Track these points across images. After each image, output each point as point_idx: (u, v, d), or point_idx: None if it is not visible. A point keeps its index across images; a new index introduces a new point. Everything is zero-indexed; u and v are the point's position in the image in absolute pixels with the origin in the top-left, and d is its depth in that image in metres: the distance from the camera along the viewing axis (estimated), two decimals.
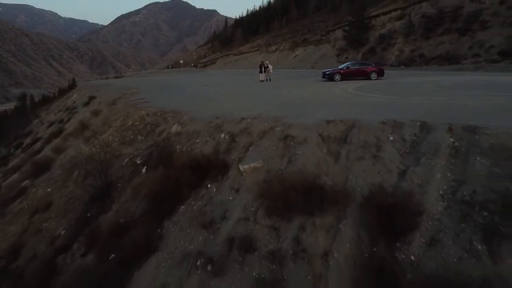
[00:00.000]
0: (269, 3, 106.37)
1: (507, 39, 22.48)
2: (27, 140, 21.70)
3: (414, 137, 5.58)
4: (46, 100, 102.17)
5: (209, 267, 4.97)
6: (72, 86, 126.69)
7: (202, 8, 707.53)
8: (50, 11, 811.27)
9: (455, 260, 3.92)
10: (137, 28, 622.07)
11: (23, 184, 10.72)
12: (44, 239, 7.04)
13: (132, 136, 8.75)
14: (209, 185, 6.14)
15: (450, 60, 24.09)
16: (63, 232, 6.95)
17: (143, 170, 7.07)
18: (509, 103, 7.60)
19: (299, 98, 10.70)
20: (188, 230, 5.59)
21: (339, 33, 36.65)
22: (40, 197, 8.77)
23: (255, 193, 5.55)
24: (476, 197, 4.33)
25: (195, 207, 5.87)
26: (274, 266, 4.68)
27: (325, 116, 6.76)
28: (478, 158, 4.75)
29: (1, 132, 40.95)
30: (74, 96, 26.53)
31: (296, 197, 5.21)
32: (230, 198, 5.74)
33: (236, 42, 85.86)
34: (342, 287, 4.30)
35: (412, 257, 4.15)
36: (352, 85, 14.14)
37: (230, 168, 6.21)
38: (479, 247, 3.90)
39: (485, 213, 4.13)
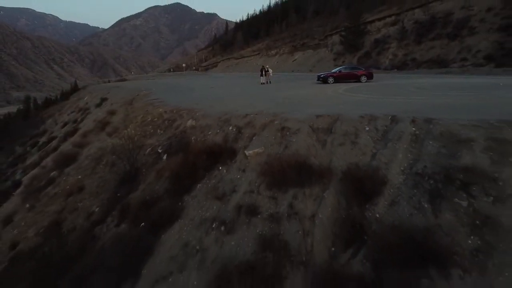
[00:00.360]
0: (269, 7, 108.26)
1: (493, 44, 23.96)
2: (43, 139, 23.18)
3: (385, 127, 6.99)
4: (49, 103, 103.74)
5: (222, 228, 6.37)
6: (75, 89, 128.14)
7: (203, 12, 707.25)
8: (51, 14, 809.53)
9: (408, 215, 5.31)
10: (138, 31, 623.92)
11: (51, 175, 12.10)
12: (81, 215, 8.41)
13: (152, 130, 10.17)
14: (220, 168, 7.55)
15: (440, 64, 25.55)
16: (97, 209, 8.34)
17: (164, 157, 8.46)
18: (471, 101, 9.01)
19: (295, 98, 12.12)
20: (204, 202, 6.99)
21: (336, 38, 38.24)
22: (72, 183, 10.15)
23: (258, 172, 6.95)
24: (426, 170, 5.72)
25: (209, 185, 7.28)
26: (273, 225, 6.06)
27: (315, 112, 8.19)
28: (430, 142, 6.16)
29: (14, 133, 42.45)
30: (85, 98, 27.98)
31: (290, 174, 6.61)
32: (238, 176, 7.15)
33: (237, 45, 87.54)
34: (325, 239, 5.68)
35: (377, 215, 5.55)
36: (343, 87, 15.61)
37: (237, 154, 7.63)
38: (426, 206, 5.30)
39: (432, 182, 5.53)
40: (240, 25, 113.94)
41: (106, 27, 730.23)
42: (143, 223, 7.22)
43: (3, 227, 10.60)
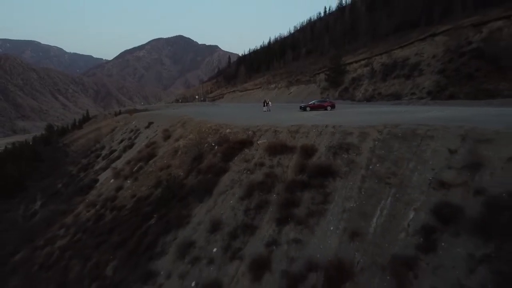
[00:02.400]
0: (269, 43, 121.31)
1: (433, 82, 33.28)
2: (104, 152, 32.01)
3: (321, 130, 15.71)
4: (65, 131, 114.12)
5: (248, 172, 14.88)
6: (87, 118, 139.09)
7: (204, 44, 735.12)
8: (55, 46, 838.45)
9: (326, 162, 13.94)
10: (141, 62, 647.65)
11: (138, 165, 20.60)
12: (173, 177, 16.85)
13: (205, 135, 18.81)
14: (245, 149, 16.21)
15: (396, 97, 34.80)
16: (182, 173, 16.81)
17: (216, 147, 17.10)
18: (369, 118, 17.72)
19: (283, 118, 20.93)
20: (239, 163, 15.56)
21: (322, 75, 48.16)
22: (161, 164, 18.60)
23: (264, 150, 15.60)
24: (333, 144, 14.36)
25: (241, 156, 15.90)
26: (271, 168, 14.58)
27: (292, 123, 16.98)
28: (337, 134, 14.82)
29: (46, 155, 51.34)
30: (133, 122, 36.98)
31: (278, 150, 15.23)
32: (254, 152, 15.79)
33: (240, 78, 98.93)
34: (292, 174, 14.23)
35: (314, 161, 14.16)
36: (314, 113, 24.71)
37: (253, 143, 16.33)
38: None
39: (335, 150, 14.19)
40: (242, 59, 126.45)
41: (109, 58, 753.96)
42: (210, 174, 15.77)
43: (116, 192, 19.08)
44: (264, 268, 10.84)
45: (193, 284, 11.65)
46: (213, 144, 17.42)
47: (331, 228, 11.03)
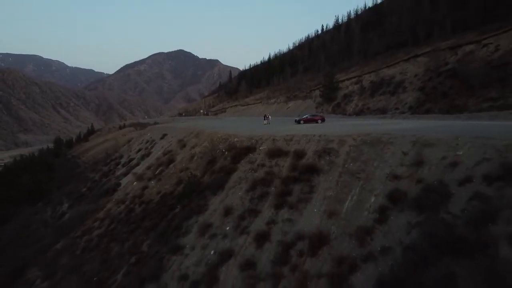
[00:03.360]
0: (269, 59, 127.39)
1: (414, 99, 37.83)
2: (123, 160, 36.34)
3: (310, 138, 20.02)
4: (71, 143, 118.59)
5: (253, 171, 19.15)
6: (92, 132, 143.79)
7: (205, 58, 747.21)
8: (57, 60, 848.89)
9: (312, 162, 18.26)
10: (142, 76, 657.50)
11: (159, 169, 24.83)
12: (192, 176, 21.06)
13: (217, 143, 23.10)
14: (250, 154, 20.54)
15: (382, 111, 39.32)
16: (199, 173, 21.07)
17: (226, 152, 21.38)
18: (346, 129, 22.08)
19: (281, 130, 25.31)
20: (245, 165, 19.85)
21: (317, 92, 52.88)
22: (181, 167, 22.83)
23: (264, 154, 19.91)
24: (319, 148, 18.69)
25: (247, 159, 20.21)
26: (270, 168, 18.83)
27: (287, 133, 21.35)
28: (317, 138, 19.14)
29: (60, 166, 55.59)
30: (148, 134, 41.46)
31: (276, 154, 19.51)
32: (257, 156, 20.10)
33: (241, 93, 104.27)
34: (286, 172, 18.51)
35: (303, 162, 18.47)
36: (306, 125, 29.19)
37: (256, 149, 20.68)
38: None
39: (320, 146, 18.51)
40: (244, 74, 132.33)
41: (110, 72, 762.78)
42: (222, 174, 20.02)
43: (142, 190, 23.25)
44: (265, 239, 14.92)
45: (212, 252, 15.73)
46: (223, 150, 21.71)
47: (315, 210, 15.14)
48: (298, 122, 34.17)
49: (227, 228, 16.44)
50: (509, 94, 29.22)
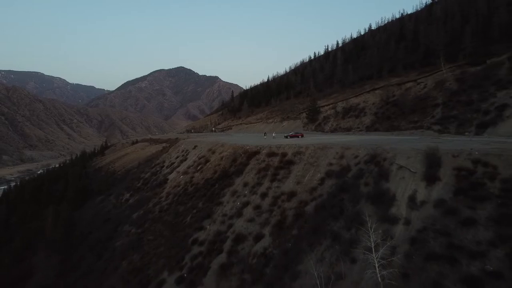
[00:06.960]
0: (268, 81, 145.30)
1: (370, 121, 54.22)
2: (166, 164, 52.30)
3: (291, 146, 36.19)
4: (91, 156, 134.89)
5: (259, 170, 35.28)
6: (106, 146, 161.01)
7: (205, 75, 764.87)
8: (58, 77, 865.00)
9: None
10: (143, 93, 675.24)
11: (199, 166, 40.64)
12: (223, 168, 36.89)
13: (236, 149, 38.91)
14: (257, 155, 36.69)
15: (349, 130, 55.69)
16: (227, 167, 37.02)
17: (242, 154, 37.32)
18: (314, 142, 38.24)
19: (275, 142, 41.39)
20: (254, 161, 35.95)
21: (304, 114, 69.60)
22: (215, 163, 38.63)
23: (265, 155, 36.02)
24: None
25: (255, 158, 36.37)
26: (270, 162, 34.85)
27: (278, 144, 37.53)
28: (295, 144, 35.27)
29: (92, 175, 71.63)
30: (182, 146, 57.54)
31: (271, 154, 35.53)
32: (261, 156, 36.24)
33: (243, 112, 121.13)
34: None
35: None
36: (291, 139, 45.48)
37: (260, 152, 36.87)
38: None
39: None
40: (245, 94, 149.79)
41: (111, 89, 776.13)
42: (241, 166, 36.11)
43: (190, 178, 39.22)
44: (265, 196, 30.71)
45: (238, 203, 31.55)
46: (241, 153, 37.67)
47: (291, 182, 31.05)
48: (286, 137, 50.24)
49: (245, 192, 32.30)
50: (424, 119, 45.76)
